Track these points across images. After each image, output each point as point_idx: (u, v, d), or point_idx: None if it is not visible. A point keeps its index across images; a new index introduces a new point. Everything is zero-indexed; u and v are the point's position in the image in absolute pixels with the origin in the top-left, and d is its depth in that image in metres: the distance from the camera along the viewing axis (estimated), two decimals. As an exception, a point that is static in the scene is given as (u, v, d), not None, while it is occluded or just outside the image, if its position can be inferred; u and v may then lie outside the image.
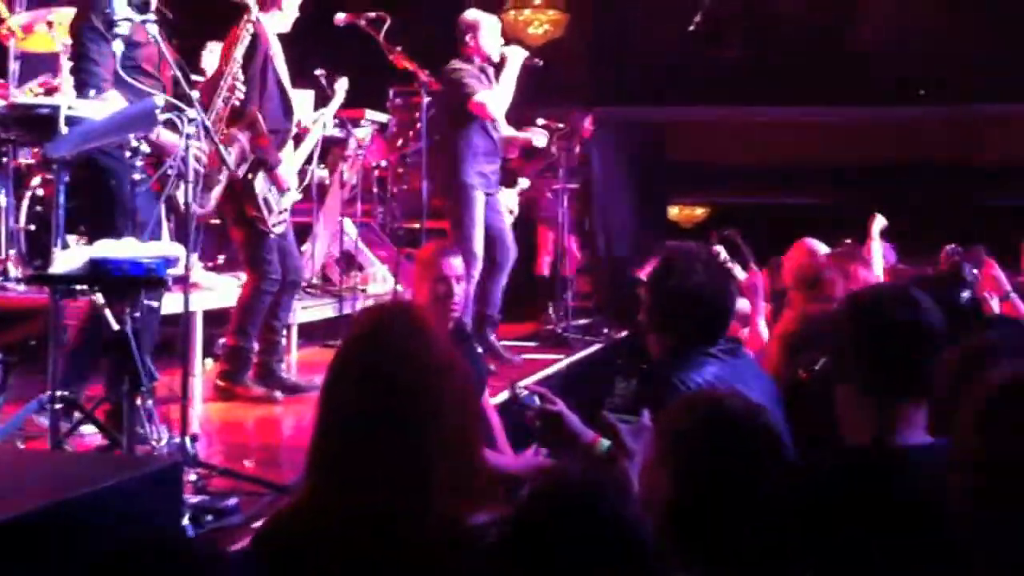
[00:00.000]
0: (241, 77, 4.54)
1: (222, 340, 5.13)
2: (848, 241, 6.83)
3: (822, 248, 5.22)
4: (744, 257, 7.70)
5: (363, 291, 7.15)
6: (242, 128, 4.61)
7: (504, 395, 4.63)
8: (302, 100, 5.82)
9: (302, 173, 5.27)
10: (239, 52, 4.58)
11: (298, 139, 5.35)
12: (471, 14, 6.16)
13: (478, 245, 5.96)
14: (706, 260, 2.87)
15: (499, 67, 6.07)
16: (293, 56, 5.11)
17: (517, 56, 6.06)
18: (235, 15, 4.71)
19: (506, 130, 6.29)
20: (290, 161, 5.10)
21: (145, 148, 3.26)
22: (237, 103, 4.53)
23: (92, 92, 3.69)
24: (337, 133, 7.18)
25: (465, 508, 1.76)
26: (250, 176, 4.77)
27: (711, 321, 2.78)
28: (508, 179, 7.23)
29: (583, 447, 2.35)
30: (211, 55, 6.28)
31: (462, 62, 6.02)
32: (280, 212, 4.96)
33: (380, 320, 1.92)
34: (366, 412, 1.80)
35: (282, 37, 5.00)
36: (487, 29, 6.06)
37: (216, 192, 4.47)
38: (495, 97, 5.96)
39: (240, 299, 4.97)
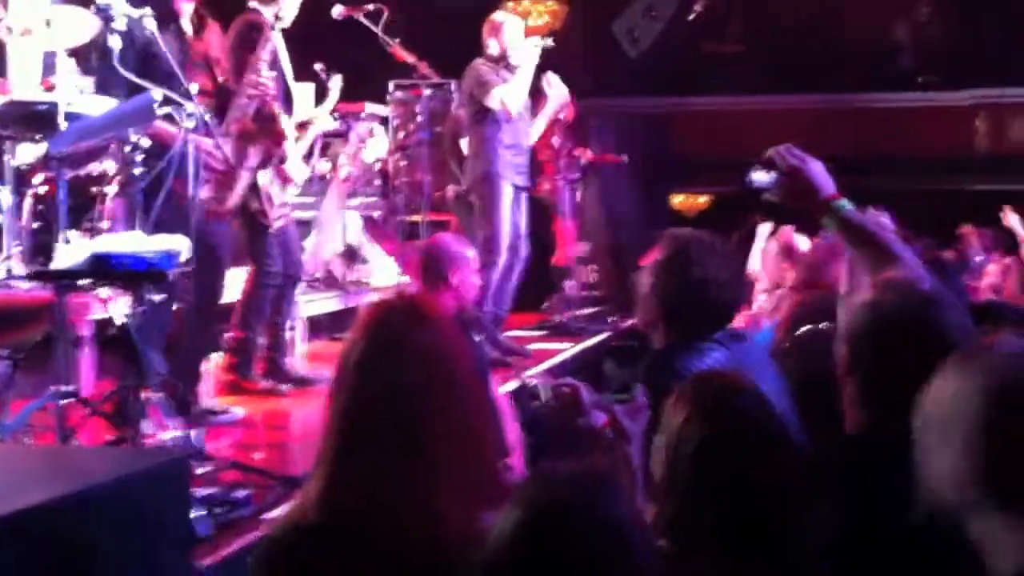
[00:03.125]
0: (265, 76, 4.55)
1: (228, 334, 5.12)
2: None
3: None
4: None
5: (367, 284, 7.14)
6: (263, 125, 4.58)
7: (513, 385, 4.64)
8: (302, 94, 5.81)
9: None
10: (265, 52, 4.59)
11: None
12: (498, 16, 6.32)
13: (504, 238, 5.99)
14: (719, 250, 2.76)
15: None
16: (292, 51, 5.09)
17: (531, 48, 6.07)
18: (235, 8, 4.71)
19: (536, 124, 6.33)
20: (293, 155, 5.09)
21: (145, 142, 3.24)
22: (260, 103, 4.54)
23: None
24: (337, 127, 7.16)
25: (474, 507, 1.71)
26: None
27: (720, 312, 2.70)
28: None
29: (593, 432, 2.32)
30: None
31: (483, 60, 6.04)
32: (280, 206, 4.96)
33: (383, 316, 1.87)
34: (368, 411, 1.77)
35: (283, 32, 4.98)
36: (512, 29, 6.18)
37: (239, 188, 4.45)
38: (511, 91, 5.96)
39: (243, 292, 4.99)
